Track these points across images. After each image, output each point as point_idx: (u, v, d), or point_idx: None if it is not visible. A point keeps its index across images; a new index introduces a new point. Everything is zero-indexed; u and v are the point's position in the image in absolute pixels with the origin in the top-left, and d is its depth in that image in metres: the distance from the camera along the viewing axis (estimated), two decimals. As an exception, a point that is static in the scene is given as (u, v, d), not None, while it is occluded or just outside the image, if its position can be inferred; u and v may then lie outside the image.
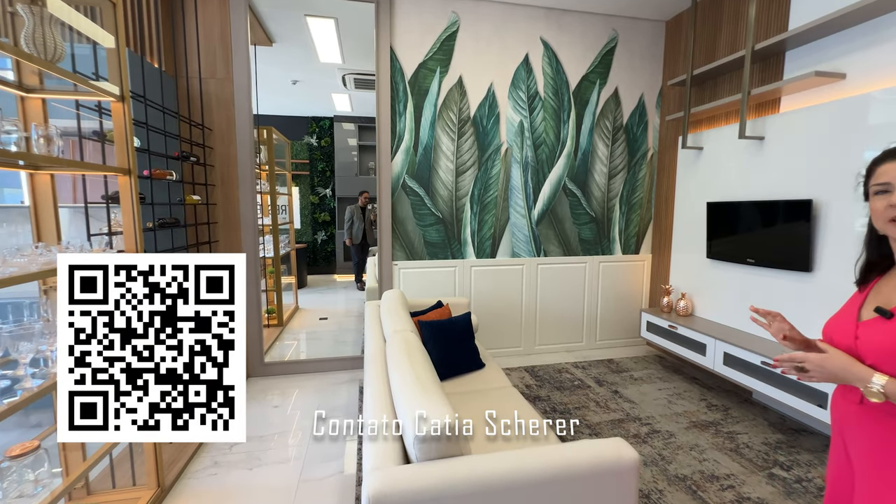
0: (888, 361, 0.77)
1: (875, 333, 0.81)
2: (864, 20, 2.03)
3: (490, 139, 3.20)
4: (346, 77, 5.00)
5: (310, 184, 7.55)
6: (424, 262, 3.20)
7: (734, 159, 2.70)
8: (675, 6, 3.16)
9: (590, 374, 3.05)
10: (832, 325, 0.94)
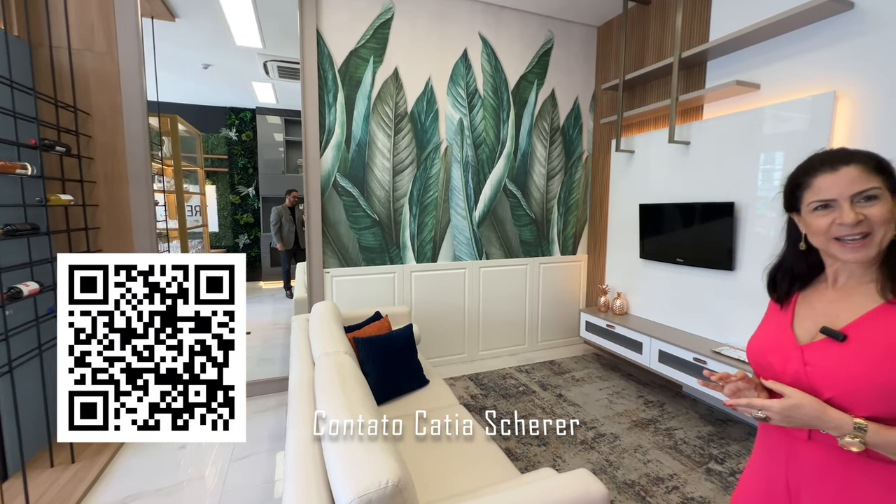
0: (850, 394, 0.66)
1: (827, 359, 0.70)
2: (775, 35, 2.17)
3: (429, 137, 3.02)
4: (269, 64, 4.51)
5: (229, 182, 6.81)
6: (360, 269, 2.94)
7: (664, 163, 2.80)
8: (607, 13, 3.23)
9: (534, 378, 3.00)
10: (764, 346, 0.81)
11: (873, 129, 1.85)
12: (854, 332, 0.69)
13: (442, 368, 3.15)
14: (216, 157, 6.66)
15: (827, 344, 0.71)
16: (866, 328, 0.68)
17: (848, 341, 0.69)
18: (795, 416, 0.67)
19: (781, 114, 2.13)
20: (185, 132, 4.33)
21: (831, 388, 0.68)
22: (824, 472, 0.71)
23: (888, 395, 0.63)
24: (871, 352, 0.66)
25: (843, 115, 1.93)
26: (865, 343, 0.67)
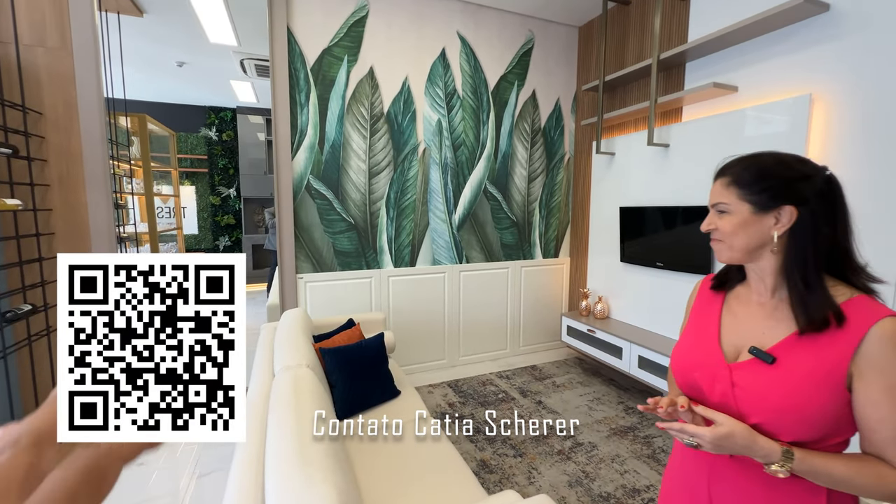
0: (777, 419, 0.64)
1: (756, 382, 0.67)
2: (752, 36, 2.14)
3: (406, 138, 2.94)
4: (246, 63, 4.40)
5: (209, 183, 6.65)
6: (335, 274, 2.85)
7: (643, 165, 2.77)
8: (587, 13, 3.19)
9: (514, 385, 2.95)
10: (691, 363, 0.76)
11: (848, 130, 1.82)
12: (781, 354, 0.67)
13: (421, 375, 3.08)
14: (196, 158, 6.50)
15: (755, 365, 0.69)
16: (792, 350, 0.66)
17: (776, 364, 0.67)
18: (726, 445, 0.64)
19: (759, 116, 2.11)
20: (157, 132, 4.19)
21: (759, 412, 0.66)
22: (746, 492, 0.70)
23: (813, 422, 0.63)
24: (794, 377, 0.65)
25: (819, 117, 1.91)
26: (792, 367, 0.65)
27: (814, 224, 0.66)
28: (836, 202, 0.67)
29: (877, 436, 0.62)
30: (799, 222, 0.66)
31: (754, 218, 0.69)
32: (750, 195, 0.70)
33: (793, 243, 0.67)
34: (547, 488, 1.88)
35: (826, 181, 0.67)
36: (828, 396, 0.63)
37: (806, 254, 0.66)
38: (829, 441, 0.65)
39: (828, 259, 0.67)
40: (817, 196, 0.66)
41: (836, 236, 0.66)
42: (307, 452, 1.01)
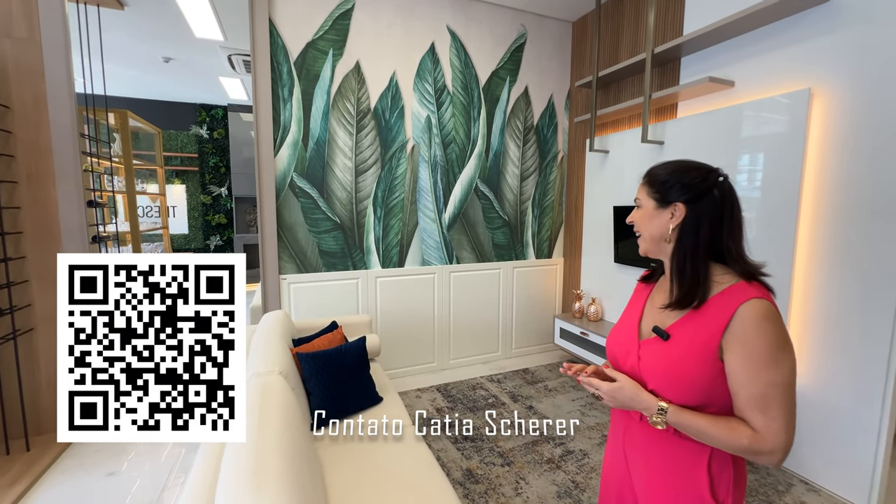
0: (667, 387, 0.78)
1: (654, 355, 0.82)
2: (748, 30, 2.07)
3: (394, 135, 2.86)
4: (234, 58, 4.30)
5: (200, 181, 6.55)
6: (320, 275, 2.76)
7: (638, 163, 2.69)
8: (581, 7, 3.11)
9: (505, 389, 2.87)
10: (616, 341, 0.92)
11: (849, 126, 1.75)
12: (674, 331, 0.80)
13: (410, 379, 3.00)
14: (186, 156, 6.40)
15: (655, 341, 0.82)
16: (682, 329, 0.79)
17: (670, 340, 0.80)
18: (618, 397, 0.81)
19: (756, 112, 2.03)
20: (142, 129, 4.09)
21: (653, 379, 0.80)
22: (649, 445, 0.84)
23: (691, 386, 0.76)
24: (679, 350, 0.78)
25: (819, 112, 1.83)
26: (679, 342, 0.79)
27: (697, 221, 0.79)
28: (724, 204, 0.78)
29: (738, 399, 0.73)
30: (687, 218, 0.80)
31: (656, 212, 0.84)
32: (654, 192, 0.85)
33: (680, 236, 0.80)
34: (534, 500, 1.80)
35: (715, 186, 0.79)
36: (701, 365, 0.75)
37: (688, 245, 0.79)
38: (711, 409, 0.76)
39: (717, 251, 0.79)
40: (702, 198, 0.79)
41: (721, 232, 0.78)
42: (264, 471, 0.93)
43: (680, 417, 0.75)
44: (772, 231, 1.98)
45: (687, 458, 0.80)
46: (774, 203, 1.96)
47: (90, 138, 2.75)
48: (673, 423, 0.76)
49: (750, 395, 0.71)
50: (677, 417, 0.76)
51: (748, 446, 0.71)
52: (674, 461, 0.81)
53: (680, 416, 0.75)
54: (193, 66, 4.66)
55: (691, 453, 0.80)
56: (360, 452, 1.56)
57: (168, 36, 3.73)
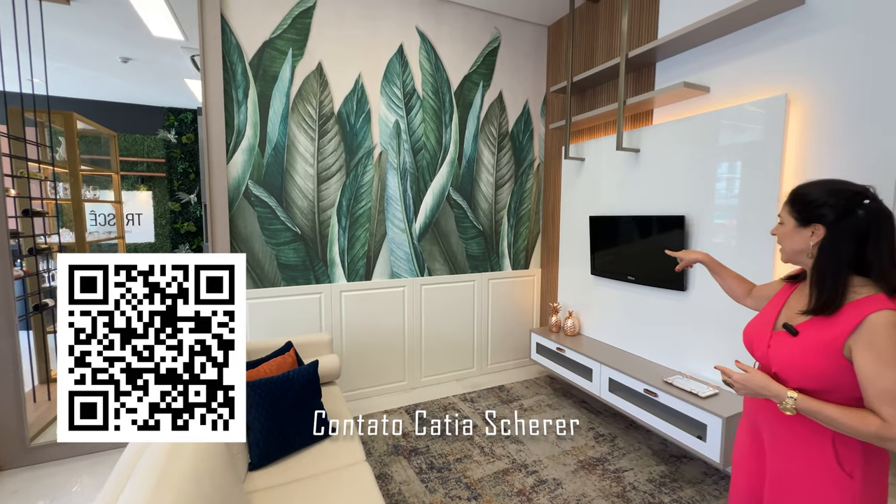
0: (790, 373, 0.92)
1: (782, 346, 0.96)
2: (723, 34, 1.98)
3: (360, 140, 2.70)
4: (197, 59, 4.09)
5: (168, 188, 6.26)
6: (279, 290, 2.57)
7: (613, 171, 2.59)
8: (556, 11, 3.02)
9: (478, 409, 2.70)
10: (753, 330, 1.07)
11: (827, 132, 1.66)
12: (802, 329, 0.93)
13: (378, 399, 2.81)
14: (153, 161, 6.11)
15: (784, 335, 0.96)
16: (810, 327, 0.91)
17: (799, 336, 0.92)
18: (749, 385, 0.94)
19: (732, 119, 1.94)
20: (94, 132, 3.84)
21: (777, 365, 0.95)
22: (776, 422, 0.98)
23: (810, 375, 0.89)
24: (803, 344, 0.91)
25: (796, 118, 1.74)
26: (805, 338, 0.91)
27: (836, 241, 0.88)
28: (869, 225, 0.85)
29: (867, 393, 0.83)
30: (826, 238, 0.89)
31: (796, 230, 0.95)
32: (794, 213, 0.95)
33: (820, 253, 0.91)
34: (501, 541, 1.63)
35: (860, 207, 0.86)
36: (823, 359, 0.87)
37: (827, 262, 0.89)
38: (828, 396, 0.87)
39: (861, 265, 0.87)
40: (844, 220, 0.87)
41: (865, 250, 0.86)
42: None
43: (809, 405, 0.86)
44: (751, 239, 1.88)
45: (812, 436, 0.91)
46: (753, 211, 1.87)
47: (29, 142, 2.52)
48: (803, 407, 0.87)
49: (879, 389, 0.81)
50: (806, 405, 0.86)
51: (875, 433, 0.80)
52: (800, 438, 0.93)
53: (808, 403, 0.86)
54: (156, 67, 4.43)
55: (815, 431, 0.90)
56: (301, 497, 1.37)
57: (122, 34, 3.50)
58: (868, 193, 0.87)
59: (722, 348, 2.01)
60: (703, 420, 1.83)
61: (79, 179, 3.14)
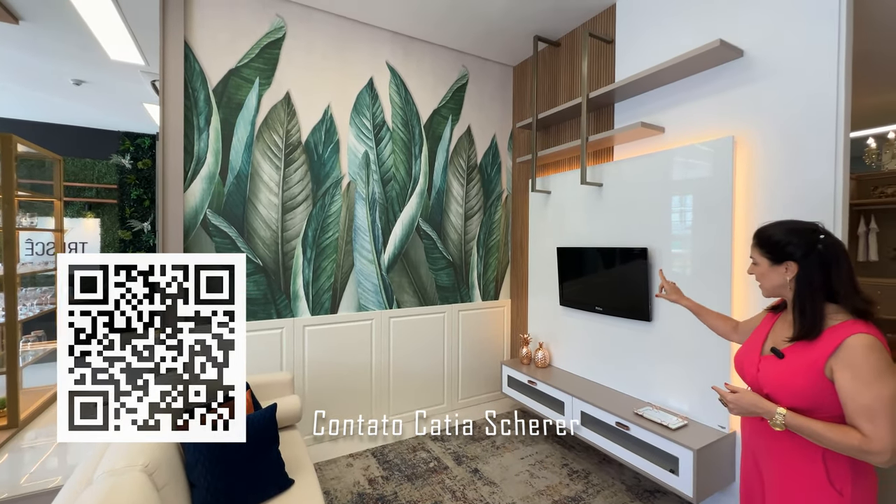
0: (779, 392, 1.01)
1: (770, 368, 1.05)
2: (675, 79, 2.14)
3: (328, 170, 2.65)
4: (158, 84, 3.97)
5: (119, 215, 5.89)
6: (236, 325, 2.40)
7: (579, 204, 2.67)
8: (520, 53, 3.18)
9: (449, 449, 2.58)
10: (743, 356, 1.16)
11: (768, 171, 1.79)
12: (788, 352, 1.03)
13: (342, 443, 2.63)
14: (104, 187, 5.76)
15: (772, 359, 1.06)
16: (794, 351, 1.02)
17: (784, 359, 1.03)
18: (740, 403, 1.04)
19: (685, 157, 2.06)
20: (36, 155, 3.57)
21: (768, 386, 1.04)
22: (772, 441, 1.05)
23: (798, 395, 0.98)
24: (792, 367, 1.01)
25: (743, 159, 1.87)
26: (790, 361, 1.02)
27: (808, 273, 1.01)
28: (829, 256, 0.99)
29: (848, 409, 0.92)
30: (799, 273, 1.02)
31: (771, 269, 1.07)
32: (766, 254, 1.08)
33: (796, 286, 1.03)
34: None
35: (818, 242, 1.00)
36: (806, 379, 0.97)
37: (805, 292, 1.01)
38: (814, 414, 0.96)
39: (830, 293, 0.99)
40: (809, 255, 1.00)
41: (831, 278, 0.98)
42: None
43: (796, 421, 0.95)
44: (707, 268, 1.95)
45: (803, 453, 0.99)
46: (708, 242, 1.95)
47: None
48: (792, 423, 0.96)
49: (859, 405, 0.90)
50: (794, 421, 0.96)
51: (858, 447, 0.88)
52: (792, 455, 1.01)
53: (796, 419, 0.96)
54: (113, 90, 4.26)
55: (806, 448, 0.99)
56: (250, 566, 1.22)
57: (76, 56, 3.35)
58: (820, 229, 1.01)
59: (688, 377, 2.04)
60: (675, 453, 1.82)
61: (13, 206, 2.87)
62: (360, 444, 2.62)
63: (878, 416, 0.87)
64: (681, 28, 2.12)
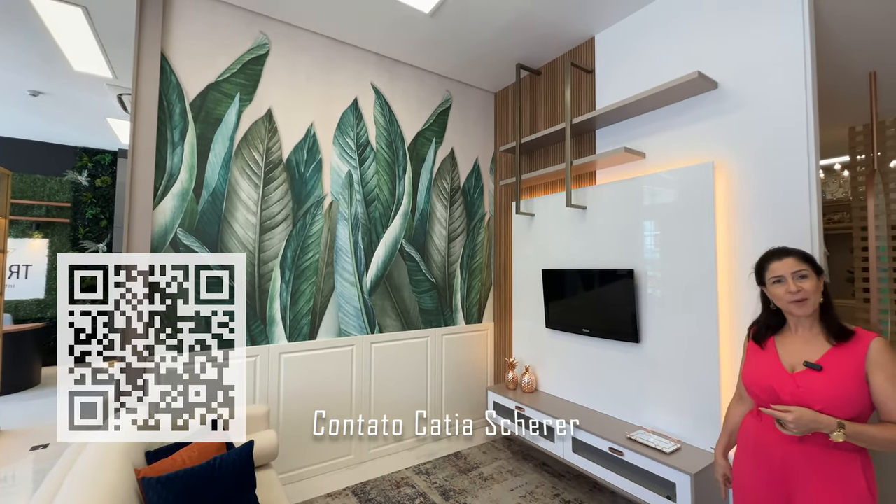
0: (833, 404, 1.04)
1: (814, 383, 1.08)
2: (655, 108, 2.23)
3: (310, 189, 2.57)
4: (126, 99, 3.79)
5: (71, 236, 5.47)
6: (205, 354, 2.21)
7: (563, 227, 2.69)
8: (502, 80, 3.27)
9: (435, 483, 2.44)
10: (764, 376, 1.18)
11: (747, 199, 1.87)
12: (825, 363, 1.09)
13: (320, 480, 2.43)
14: (55, 205, 5.35)
15: (809, 373, 1.10)
16: (830, 362, 1.08)
17: (823, 371, 1.08)
18: (802, 420, 1.04)
19: (668, 181, 2.13)
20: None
21: (819, 402, 1.06)
22: (809, 463, 1.08)
23: (853, 404, 1.04)
24: (837, 377, 1.06)
25: (722, 185, 1.95)
26: (833, 371, 1.07)
27: (826, 286, 1.16)
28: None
29: (887, 408, 1.02)
30: (825, 285, 1.15)
31: (818, 281, 1.13)
32: (812, 268, 1.15)
33: (826, 298, 1.15)
34: None
35: None
36: (856, 386, 1.04)
37: (829, 302, 1.15)
38: (861, 419, 1.04)
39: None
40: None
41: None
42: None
43: (855, 429, 1.00)
44: (691, 290, 1.99)
45: (846, 468, 1.05)
46: (692, 264, 2.00)
47: None
48: (851, 433, 1.00)
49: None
50: (854, 430, 1.00)
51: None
52: (835, 471, 1.05)
53: (855, 427, 1.01)
54: (72, 103, 4.02)
55: (848, 462, 1.05)
56: None
57: (35, 66, 3.16)
58: None
59: (678, 399, 2.04)
60: (671, 478, 1.78)
61: (-50, 223, 2.59)
62: (340, 481, 2.43)
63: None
64: (659, 60, 2.24)
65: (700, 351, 1.96)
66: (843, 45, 2.32)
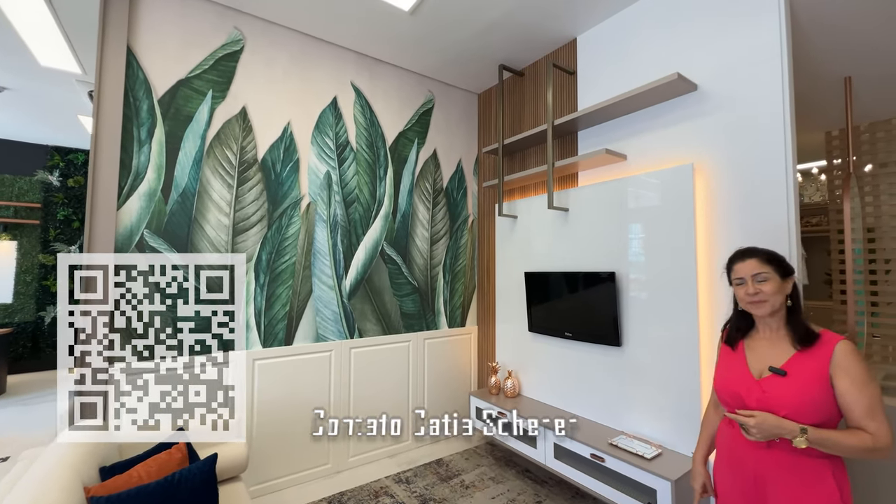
0: (798, 409, 1.03)
1: (778, 388, 1.07)
2: (635, 109, 2.22)
3: (286, 190, 2.49)
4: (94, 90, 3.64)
5: (41, 238, 5.26)
6: (173, 361, 2.11)
7: (546, 229, 2.67)
8: (485, 81, 3.24)
9: (415, 492, 2.37)
10: (732, 382, 1.16)
11: (727, 200, 1.86)
12: (789, 367, 1.08)
13: (295, 491, 2.35)
14: (23, 206, 5.14)
15: (774, 378, 1.09)
16: (794, 367, 1.07)
17: (788, 376, 1.07)
18: (764, 426, 1.03)
19: (649, 183, 2.11)
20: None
21: (784, 407, 1.04)
22: (781, 468, 1.06)
23: (819, 408, 1.02)
24: (801, 382, 1.05)
25: (702, 186, 1.94)
26: (797, 376, 1.06)
27: (795, 288, 1.14)
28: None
29: (854, 413, 1.00)
30: (794, 287, 1.14)
31: (782, 283, 1.12)
32: (777, 269, 1.13)
33: (795, 300, 1.13)
34: None
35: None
36: (820, 390, 1.02)
37: (798, 305, 1.13)
38: (829, 425, 1.02)
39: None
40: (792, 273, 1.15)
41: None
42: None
43: (818, 434, 0.98)
44: (671, 290, 1.97)
45: (815, 474, 1.02)
46: (673, 265, 1.98)
47: None
48: (814, 439, 0.98)
49: (863, 407, 0.98)
50: (816, 435, 0.98)
51: (872, 446, 0.95)
52: (805, 477, 1.03)
53: (818, 433, 0.98)
54: (41, 100, 3.87)
55: (818, 469, 1.02)
56: None
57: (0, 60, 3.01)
58: None
59: (659, 404, 2.02)
60: (652, 485, 1.75)
61: None
62: (316, 492, 2.34)
63: (878, 414, 0.97)
64: (640, 62, 2.23)
65: (680, 354, 1.94)
66: (819, 50, 2.35)
